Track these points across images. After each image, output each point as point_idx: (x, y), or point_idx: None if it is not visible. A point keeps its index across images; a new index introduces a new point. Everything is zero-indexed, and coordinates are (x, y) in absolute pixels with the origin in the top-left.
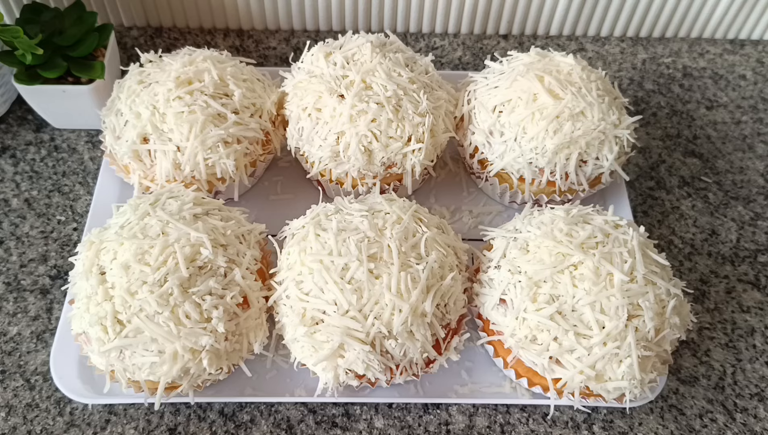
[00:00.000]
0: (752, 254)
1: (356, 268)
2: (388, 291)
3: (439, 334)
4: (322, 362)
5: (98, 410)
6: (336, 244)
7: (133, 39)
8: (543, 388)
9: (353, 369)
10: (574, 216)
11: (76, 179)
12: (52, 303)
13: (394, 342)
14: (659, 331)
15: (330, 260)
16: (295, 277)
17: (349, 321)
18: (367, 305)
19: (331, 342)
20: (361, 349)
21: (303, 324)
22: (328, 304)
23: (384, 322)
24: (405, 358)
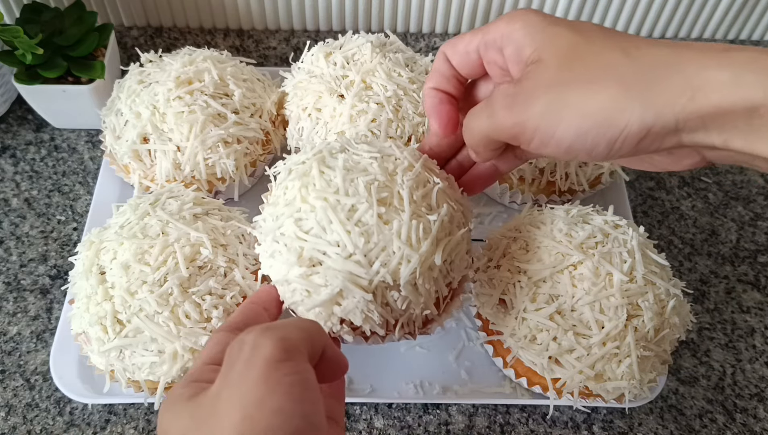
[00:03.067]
0: (752, 254)
1: (365, 211)
2: (397, 238)
3: (442, 290)
4: (317, 308)
5: (98, 410)
6: (343, 183)
7: (133, 39)
8: (542, 388)
9: (350, 319)
10: (574, 216)
11: (76, 179)
12: (51, 303)
13: (397, 294)
14: (659, 331)
15: (336, 199)
16: (294, 213)
17: (353, 265)
18: (374, 251)
19: (330, 286)
20: (362, 298)
21: (300, 264)
22: (330, 245)
23: (390, 270)
24: (405, 314)
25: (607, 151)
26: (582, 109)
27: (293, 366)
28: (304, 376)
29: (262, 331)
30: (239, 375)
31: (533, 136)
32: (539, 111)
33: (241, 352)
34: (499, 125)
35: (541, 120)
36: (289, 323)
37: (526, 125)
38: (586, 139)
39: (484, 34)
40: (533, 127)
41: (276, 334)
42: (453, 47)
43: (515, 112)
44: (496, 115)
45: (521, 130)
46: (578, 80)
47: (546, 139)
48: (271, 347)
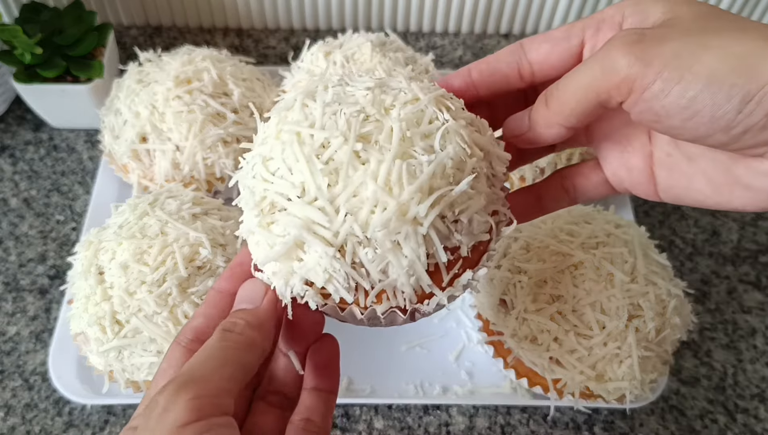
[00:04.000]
0: (753, 255)
1: (338, 146)
2: (372, 180)
3: (438, 256)
4: (275, 264)
5: (97, 410)
6: (322, 115)
7: (133, 38)
8: (543, 389)
9: (311, 278)
10: (575, 216)
11: (75, 179)
12: (50, 303)
13: (372, 252)
14: (660, 331)
15: (309, 134)
16: (266, 152)
17: (314, 211)
18: (342, 196)
19: (287, 236)
20: (324, 252)
21: (260, 211)
22: (293, 188)
23: (359, 220)
24: (386, 279)
25: (736, 113)
26: (723, 52)
27: (202, 426)
28: (215, 432)
29: (175, 391)
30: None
31: (654, 79)
32: (672, 50)
33: (150, 417)
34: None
35: (673, 59)
36: (210, 364)
37: (650, 64)
38: (721, 88)
39: (592, 17)
40: (659, 67)
41: (189, 392)
42: (538, 40)
43: (639, 49)
44: (611, 56)
45: (641, 72)
46: (722, 28)
47: (669, 85)
48: (180, 411)
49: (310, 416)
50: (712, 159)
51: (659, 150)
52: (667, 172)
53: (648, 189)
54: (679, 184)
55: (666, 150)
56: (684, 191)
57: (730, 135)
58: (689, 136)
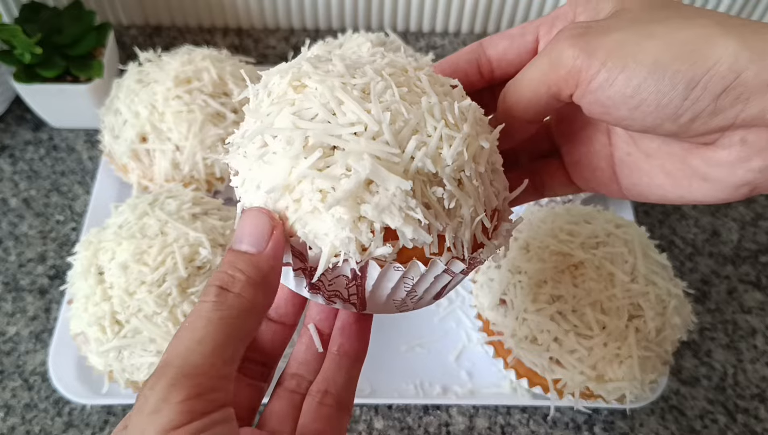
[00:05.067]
0: (753, 254)
1: (383, 89)
2: (430, 116)
3: (490, 200)
4: (338, 209)
5: (97, 411)
6: (347, 69)
7: (132, 38)
8: (543, 389)
9: (385, 220)
10: (575, 215)
11: (74, 179)
12: (50, 303)
13: (441, 190)
14: (660, 331)
15: (342, 82)
16: (287, 106)
17: (381, 146)
18: (405, 131)
19: (356, 173)
20: (398, 187)
21: (307, 155)
22: (344, 127)
23: (430, 154)
24: (451, 223)
25: (682, 99)
26: (667, 39)
27: (197, 427)
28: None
29: (167, 390)
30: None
31: (599, 69)
32: (616, 40)
33: (141, 416)
34: (559, 60)
35: (616, 49)
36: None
37: (594, 55)
38: (664, 75)
39: (548, 15)
40: (603, 56)
41: (181, 392)
42: (496, 37)
43: (584, 41)
44: (557, 48)
45: (586, 63)
46: (669, 17)
47: (613, 75)
48: (172, 414)
49: (328, 388)
50: (668, 153)
51: (618, 150)
52: (628, 171)
53: (612, 188)
54: (640, 182)
55: (625, 149)
56: (646, 188)
57: (678, 123)
58: (639, 127)
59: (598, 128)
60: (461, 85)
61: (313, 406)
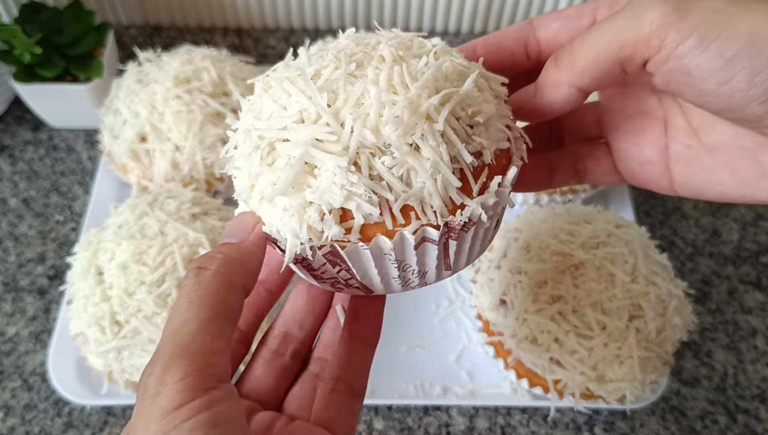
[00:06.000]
0: (754, 255)
1: (331, 72)
2: (374, 85)
3: (462, 156)
4: (284, 201)
5: (96, 411)
6: (308, 60)
7: (132, 38)
8: (544, 389)
9: (329, 201)
10: (576, 216)
11: (74, 179)
12: (50, 303)
13: (389, 159)
14: (660, 331)
15: (297, 74)
16: (256, 111)
17: (318, 128)
18: (345, 108)
19: (293, 159)
20: (336, 166)
21: (257, 154)
22: (290, 118)
23: (369, 125)
24: (411, 191)
25: None
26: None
27: (200, 405)
28: (211, 413)
29: (162, 372)
30: (142, 426)
31: (690, 33)
32: (710, 6)
33: (143, 403)
34: (643, 16)
35: (710, 14)
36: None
37: (687, 16)
38: (761, 50)
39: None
40: (696, 20)
41: (177, 372)
42: (548, 17)
43: (675, 3)
44: (641, 5)
45: (676, 24)
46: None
47: (707, 41)
48: (171, 395)
49: (341, 374)
50: (739, 147)
51: (676, 142)
52: (686, 166)
53: (662, 183)
54: (698, 178)
55: (684, 142)
56: (705, 184)
57: (766, 106)
58: (720, 105)
59: (653, 118)
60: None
61: (326, 392)
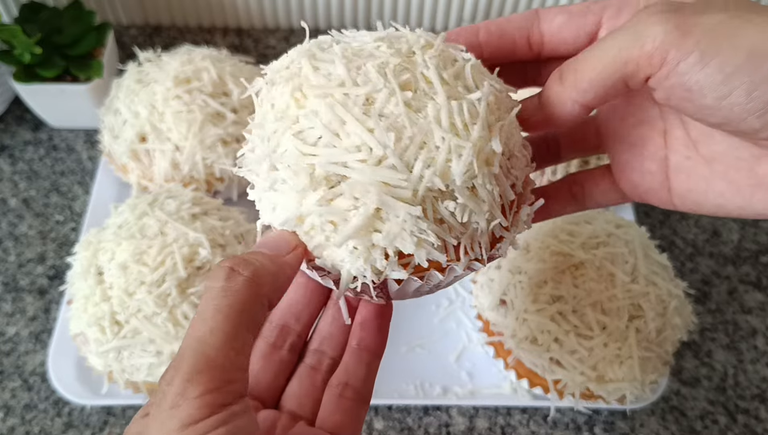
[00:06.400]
0: (754, 255)
1: (386, 99)
2: (437, 126)
3: (506, 194)
4: (350, 243)
5: (96, 411)
6: (348, 72)
7: (132, 38)
8: (544, 389)
9: (398, 247)
10: (576, 216)
11: (74, 179)
12: (50, 303)
13: (453, 204)
14: (661, 331)
15: (343, 93)
16: (291, 126)
17: (388, 172)
18: (411, 149)
19: (363, 207)
20: (407, 214)
21: (314, 187)
22: (350, 153)
23: (438, 171)
24: (466, 232)
25: None
26: (766, 28)
27: (218, 421)
28: (228, 428)
29: (184, 385)
30: (157, 432)
31: (692, 50)
32: (710, 21)
33: (160, 411)
34: (645, 33)
35: (711, 30)
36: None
37: (689, 33)
38: (762, 64)
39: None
40: (698, 36)
41: (199, 386)
42: (554, 10)
43: (678, 17)
44: (644, 22)
45: (678, 41)
46: (763, 8)
47: (707, 57)
48: (191, 409)
49: (348, 380)
50: (736, 158)
51: (676, 153)
52: (684, 177)
53: (661, 196)
54: (696, 189)
55: (684, 153)
56: (702, 196)
57: (764, 120)
58: (719, 119)
59: (654, 128)
60: (476, 60)
61: (334, 398)
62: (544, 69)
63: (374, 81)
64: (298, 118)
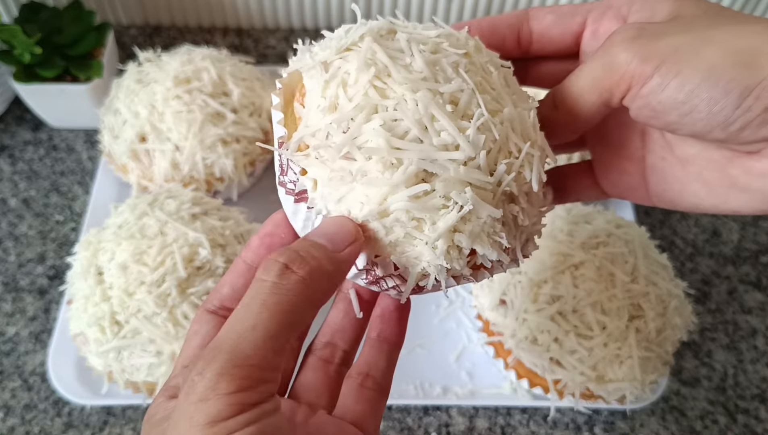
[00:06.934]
0: (754, 255)
1: (469, 99)
2: (513, 132)
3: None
4: (438, 243)
5: (96, 411)
6: (427, 66)
7: (132, 38)
8: (544, 390)
9: (476, 247)
10: (575, 216)
11: (74, 179)
12: (50, 303)
13: (517, 207)
14: (661, 331)
15: (428, 88)
16: (372, 115)
17: (476, 174)
18: (493, 152)
19: (456, 206)
20: (488, 217)
21: (407, 183)
22: (439, 150)
23: (514, 175)
24: (518, 232)
25: (734, 108)
26: (725, 47)
27: (247, 419)
28: (258, 426)
29: (216, 378)
30: (185, 429)
31: (652, 74)
32: (671, 45)
33: (188, 400)
34: (612, 64)
35: (672, 54)
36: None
37: (648, 59)
38: (718, 82)
39: (600, 2)
40: (657, 61)
41: (231, 383)
42: (544, 10)
43: (638, 44)
44: (610, 52)
45: (639, 68)
46: (725, 24)
47: (666, 80)
48: (220, 405)
49: (369, 371)
50: (708, 160)
51: (652, 154)
52: (660, 177)
53: (640, 194)
54: (672, 188)
55: (659, 154)
56: (678, 195)
57: (728, 131)
58: (687, 132)
59: (633, 130)
60: (511, 67)
61: (355, 388)
62: (531, 68)
63: (455, 79)
64: (387, 108)
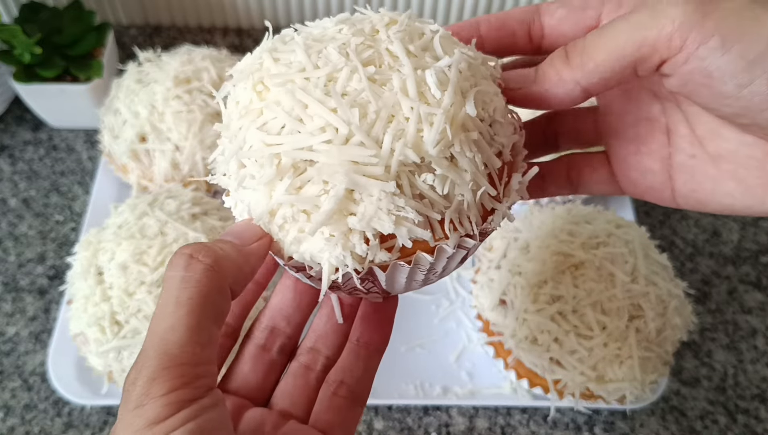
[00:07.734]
0: (754, 255)
1: (348, 76)
2: (404, 96)
3: (492, 161)
4: (325, 231)
5: (96, 411)
6: (308, 57)
7: (132, 38)
8: (544, 390)
9: (376, 227)
10: (576, 216)
11: (74, 179)
12: (50, 303)
13: (431, 176)
14: (660, 331)
15: (304, 78)
16: (255, 119)
17: (355, 150)
18: (378, 123)
19: (334, 189)
20: (381, 192)
21: (281, 176)
22: (313, 136)
23: (409, 142)
24: (451, 205)
25: None
26: None
27: (183, 417)
28: (198, 422)
29: (147, 384)
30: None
31: (713, 33)
32: (731, 7)
33: (126, 411)
34: (664, 14)
35: (732, 15)
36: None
37: (710, 16)
38: None
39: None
40: (719, 20)
41: (163, 385)
42: (554, 4)
43: (697, 2)
44: (662, 2)
45: (698, 23)
46: None
47: (729, 42)
48: (156, 408)
49: (344, 378)
50: (747, 156)
51: (680, 152)
52: (689, 176)
53: (663, 194)
54: (703, 188)
55: (689, 151)
56: (709, 195)
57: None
58: (736, 109)
59: (656, 125)
60: (445, 31)
61: (327, 395)
62: None
63: (335, 61)
64: (262, 111)
